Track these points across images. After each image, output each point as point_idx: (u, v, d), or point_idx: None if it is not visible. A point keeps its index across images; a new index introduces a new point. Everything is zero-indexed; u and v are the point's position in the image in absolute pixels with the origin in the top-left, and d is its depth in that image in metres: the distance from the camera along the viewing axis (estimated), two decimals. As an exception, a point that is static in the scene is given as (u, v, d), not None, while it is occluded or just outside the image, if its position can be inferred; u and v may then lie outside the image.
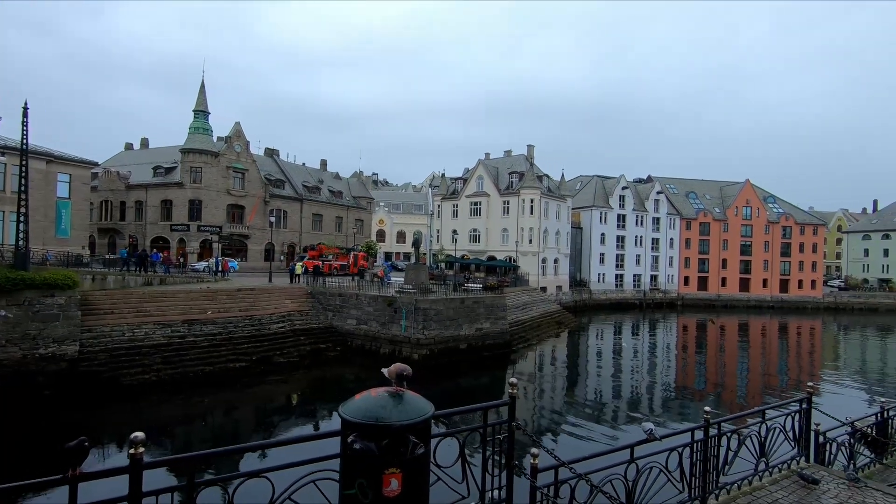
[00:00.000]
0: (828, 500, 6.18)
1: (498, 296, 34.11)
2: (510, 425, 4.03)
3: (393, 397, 2.89)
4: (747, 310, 66.94)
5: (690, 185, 77.91)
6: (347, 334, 29.08)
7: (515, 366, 29.02)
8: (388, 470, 2.68)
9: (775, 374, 30.14)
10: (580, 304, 57.38)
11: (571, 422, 18.80)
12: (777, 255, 73.59)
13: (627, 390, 24.52)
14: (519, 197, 54.16)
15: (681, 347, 39.40)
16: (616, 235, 66.12)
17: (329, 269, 45.23)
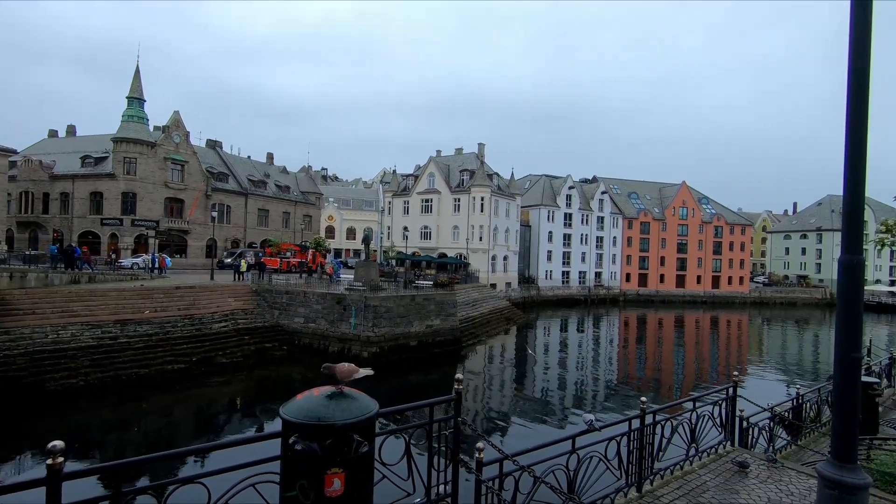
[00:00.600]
0: (749, 481, 6.66)
1: (448, 293, 34.30)
2: (455, 421, 4.07)
3: (336, 396, 2.84)
4: (683, 304, 70.83)
5: (632, 186, 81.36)
6: (295, 333, 28.35)
7: (465, 362, 29.31)
8: (330, 470, 2.64)
9: (707, 365, 32.08)
10: (528, 301, 58.68)
11: (518, 415, 19.24)
12: (709, 253, 78.29)
13: (572, 383, 25.36)
14: (470, 195, 54.64)
15: (622, 341, 41.16)
16: (563, 234, 68.08)
17: (287, 266, 44.20)
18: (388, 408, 3.71)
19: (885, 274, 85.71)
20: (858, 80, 2.87)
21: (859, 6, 2.85)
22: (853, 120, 2.89)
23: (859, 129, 2.89)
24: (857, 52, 2.86)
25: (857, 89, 2.87)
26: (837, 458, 2.89)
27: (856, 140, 2.89)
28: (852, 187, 2.90)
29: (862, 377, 9.55)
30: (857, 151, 2.89)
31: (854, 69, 2.87)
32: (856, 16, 2.86)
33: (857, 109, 2.88)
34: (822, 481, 2.88)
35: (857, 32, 2.86)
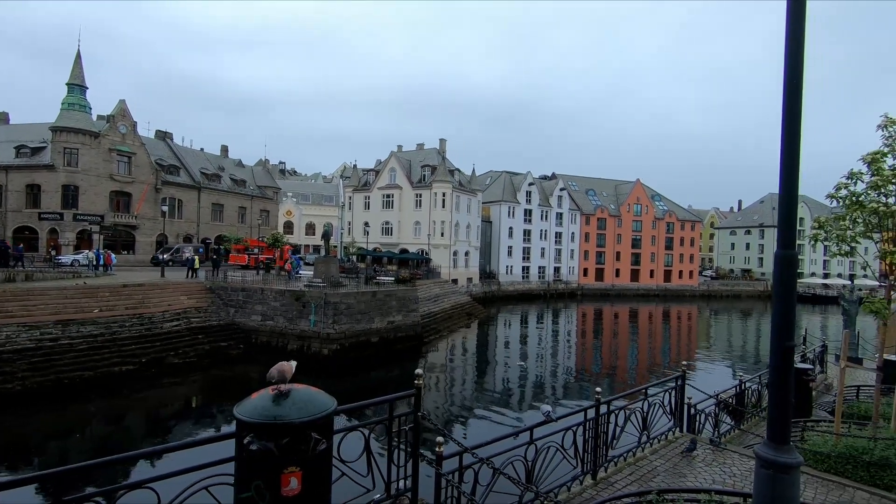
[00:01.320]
0: (696, 464, 7.01)
1: (410, 288, 34.23)
2: (415, 416, 4.09)
3: (292, 394, 2.80)
4: (637, 298, 73.43)
5: (590, 183, 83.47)
6: (252, 331, 27.59)
7: (427, 357, 29.37)
8: (286, 469, 2.60)
9: (659, 356, 33.42)
10: (489, 296, 59.32)
11: (479, 409, 19.47)
12: (662, 248, 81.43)
13: (531, 376, 25.86)
14: (431, 190, 54.62)
15: (580, 334, 42.29)
16: (523, 229, 69.14)
17: (256, 262, 43.09)
18: (348, 405, 3.69)
19: (819, 268, 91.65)
20: (793, 86, 3.05)
21: (794, 13, 3.03)
22: (788, 123, 3.07)
23: (793, 132, 3.07)
24: (792, 57, 3.04)
25: (792, 94, 3.05)
26: (773, 440, 3.09)
27: (790, 142, 3.07)
28: (786, 187, 3.09)
29: (797, 364, 10.20)
30: (792, 153, 3.08)
31: (789, 74, 3.05)
32: (791, 23, 3.04)
33: (792, 113, 3.06)
34: (758, 462, 3.07)
35: (792, 40, 3.04)
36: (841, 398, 7.97)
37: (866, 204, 7.49)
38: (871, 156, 7.37)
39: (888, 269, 7.52)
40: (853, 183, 7.69)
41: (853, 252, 8.08)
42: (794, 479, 2.99)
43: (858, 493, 6.37)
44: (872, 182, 7.39)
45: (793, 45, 3.05)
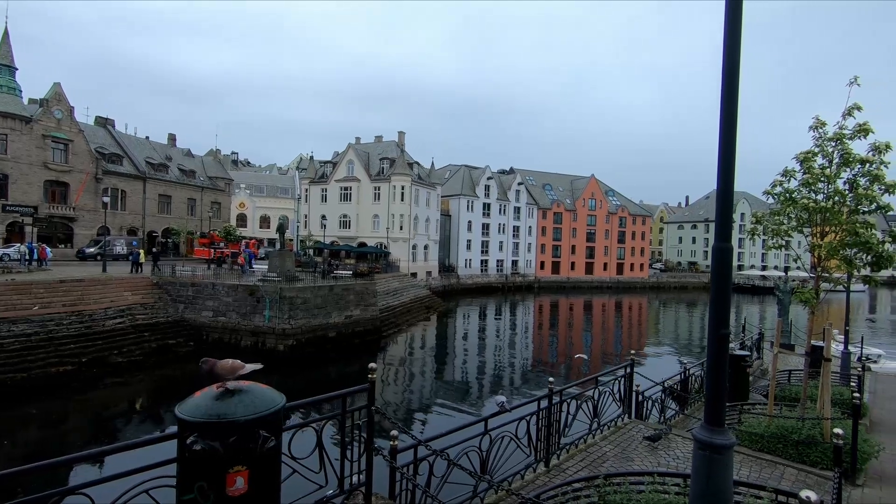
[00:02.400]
0: (642, 448, 7.33)
1: (368, 282, 33.92)
2: (369, 410, 4.06)
3: (238, 391, 2.72)
4: (591, 290, 75.66)
5: (546, 178, 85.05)
6: (202, 327, 26.60)
7: (386, 351, 29.25)
8: (232, 468, 2.53)
9: (611, 346, 34.63)
10: (449, 289, 59.60)
11: (435, 401, 19.59)
12: (615, 241, 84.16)
13: (488, 368, 26.24)
14: (390, 183, 54.15)
15: (536, 326, 43.20)
16: (482, 223, 69.74)
17: (220, 256, 41.59)
18: (299, 400, 3.63)
19: (758, 260, 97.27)
20: (729, 86, 3.20)
21: (731, 15, 3.18)
22: (725, 124, 3.23)
23: (730, 133, 3.24)
24: (729, 58, 3.19)
25: (729, 96, 3.21)
26: (709, 423, 3.27)
27: (727, 141, 3.23)
28: (723, 183, 3.25)
29: (736, 352, 10.81)
30: (728, 152, 3.24)
31: (726, 75, 3.20)
32: (728, 26, 3.19)
33: (729, 114, 3.22)
34: (696, 444, 3.25)
35: (729, 45, 3.19)
36: (773, 382, 8.51)
37: (798, 200, 7.99)
38: (802, 155, 7.87)
39: (816, 262, 8.06)
40: (787, 180, 8.19)
41: (788, 245, 8.63)
42: (727, 458, 3.18)
43: (788, 469, 6.84)
44: (804, 180, 7.89)
45: (730, 49, 3.20)
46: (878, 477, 7.14)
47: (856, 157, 7.41)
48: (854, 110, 7.31)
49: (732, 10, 3.19)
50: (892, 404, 12.69)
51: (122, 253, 33.76)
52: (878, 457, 7.33)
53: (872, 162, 7.33)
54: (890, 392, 14.14)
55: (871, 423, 10.59)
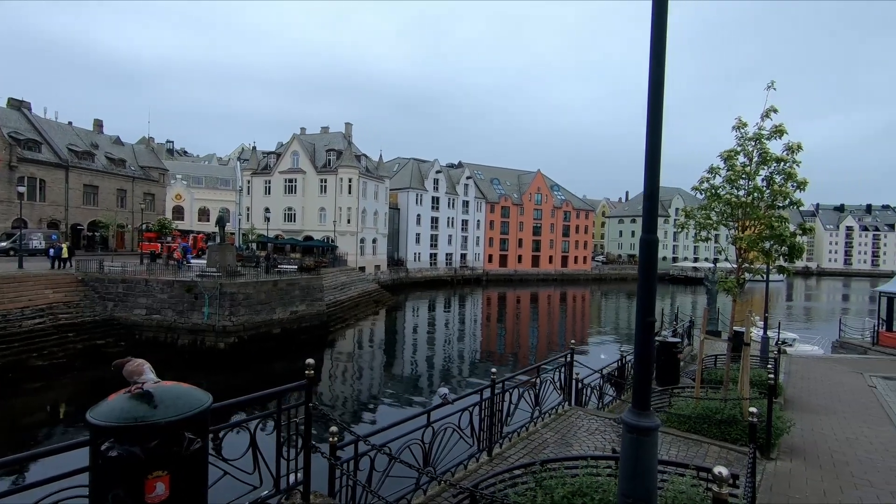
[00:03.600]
0: (581, 434, 7.62)
1: (314, 277, 33.19)
2: (307, 407, 3.97)
3: (157, 392, 2.57)
4: (537, 282, 77.67)
5: (494, 172, 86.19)
6: (135, 326, 25.08)
7: (333, 347, 28.77)
8: (151, 474, 2.39)
9: (556, 336, 35.71)
10: (398, 283, 59.32)
11: (381, 396, 19.53)
12: (560, 235, 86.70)
13: (435, 361, 26.40)
14: (337, 176, 53.06)
15: (484, 318, 43.87)
16: (431, 216, 69.80)
17: (169, 251, 39.12)
18: (230, 400, 3.48)
19: (691, 252, 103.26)
20: (656, 87, 3.34)
21: (657, 19, 3.31)
22: (651, 123, 3.37)
23: (656, 130, 3.38)
24: (656, 59, 3.33)
25: (655, 95, 3.35)
26: (636, 407, 3.43)
27: (653, 139, 3.38)
28: (649, 179, 3.40)
29: (669, 339, 11.42)
30: (654, 149, 3.39)
31: (652, 76, 3.34)
32: (654, 30, 3.32)
33: (654, 114, 3.36)
34: (624, 427, 3.40)
35: (656, 44, 3.33)
36: (700, 367, 9.09)
37: (722, 196, 8.53)
38: (726, 153, 8.39)
39: (739, 254, 8.65)
40: (713, 177, 8.71)
41: (717, 238, 9.20)
42: (653, 440, 3.35)
43: (712, 447, 7.33)
44: (727, 176, 8.42)
45: (656, 52, 3.33)
46: (789, 450, 7.79)
47: (772, 156, 8.00)
48: (771, 112, 7.87)
49: (658, 16, 3.32)
50: (804, 383, 13.87)
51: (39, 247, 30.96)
52: (789, 432, 7.98)
53: (786, 161, 7.93)
54: (802, 372, 15.44)
55: (786, 401, 11.53)
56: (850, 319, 30.28)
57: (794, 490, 6.16)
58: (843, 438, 8.75)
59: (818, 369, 16.39)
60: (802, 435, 8.69)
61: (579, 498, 3.82)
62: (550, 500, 3.82)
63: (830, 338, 26.04)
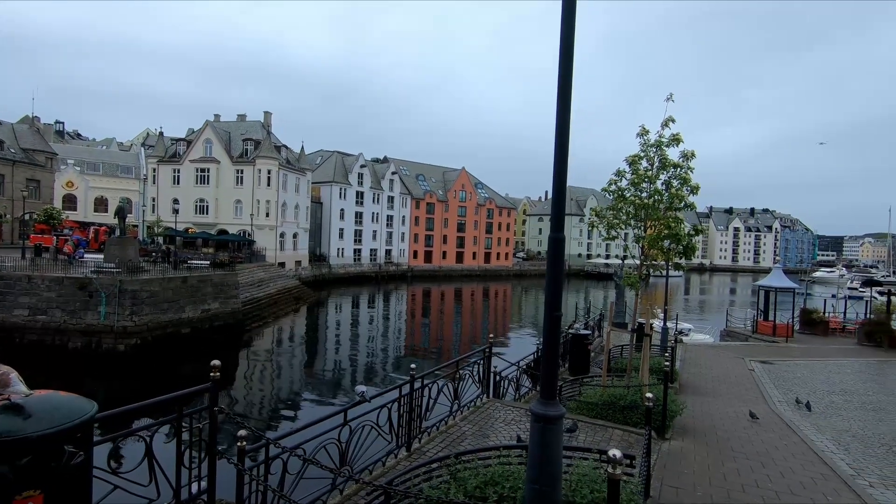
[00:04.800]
0: (497, 425, 7.88)
1: (229, 273, 31.41)
2: (211, 411, 3.76)
3: (29, 403, 2.31)
4: (461, 278, 79.01)
5: (420, 169, 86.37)
6: (15, 329, 22.30)
7: (250, 346, 27.42)
8: (21, 494, 2.15)
9: (479, 330, 36.60)
10: (320, 279, 57.70)
11: (300, 396, 18.96)
12: (483, 232, 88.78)
13: (359, 358, 26.05)
14: (255, 166, 50.49)
15: (409, 314, 43.92)
16: (355, 211, 68.56)
17: (63, 245, 34.58)
18: (121, 408, 3.22)
19: (603, 250, 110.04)
20: (563, 92, 3.52)
21: (565, 28, 3.49)
22: (559, 128, 3.55)
23: (563, 133, 3.57)
24: (564, 65, 3.50)
25: (562, 100, 3.53)
26: (543, 397, 3.61)
27: (561, 142, 3.56)
28: (557, 182, 3.59)
29: (580, 331, 12.11)
30: (562, 152, 3.57)
31: (560, 81, 3.52)
32: (563, 39, 3.49)
33: (562, 119, 3.54)
34: (532, 416, 3.56)
35: (564, 54, 3.50)
36: (607, 357, 9.74)
37: (628, 197, 9.18)
38: (631, 158, 9.03)
39: (641, 251, 9.36)
40: (620, 179, 9.34)
41: (626, 237, 9.87)
42: (558, 427, 3.54)
43: (616, 431, 7.88)
44: (632, 179, 9.07)
45: (564, 57, 3.50)
46: (682, 430, 8.57)
47: (670, 162, 8.73)
48: (669, 122, 8.58)
49: (566, 25, 3.50)
50: (696, 369, 15.33)
51: None
52: (682, 414, 8.78)
53: (682, 167, 8.70)
54: (695, 359, 17.05)
55: (681, 386, 12.67)
56: (735, 310, 33.89)
57: (685, 466, 6.80)
58: (726, 416, 9.79)
59: (708, 356, 18.18)
60: (693, 416, 9.60)
61: (491, 487, 3.95)
62: (464, 491, 3.92)
63: (719, 327, 28.95)
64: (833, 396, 12.45)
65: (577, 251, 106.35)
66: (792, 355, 18.79)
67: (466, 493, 3.91)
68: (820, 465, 7.21)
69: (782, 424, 9.55)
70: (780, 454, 7.64)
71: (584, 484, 4.00)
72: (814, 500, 5.90)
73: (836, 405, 11.59)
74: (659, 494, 5.70)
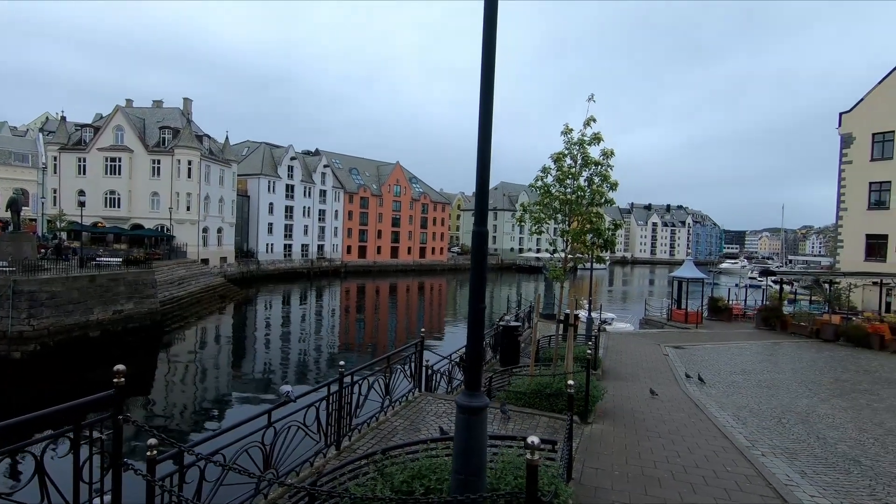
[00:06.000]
0: (428, 418, 7.93)
1: (145, 271, 29.28)
2: (115, 419, 3.47)
3: None
4: (396, 273, 78.63)
5: (353, 162, 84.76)
6: None
7: (169, 349, 25.73)
8: None
9: (414, 325, 36.60)
10: (248, 276, 55.17)
11: (225, 399, 18.12)
12: (418, 227, 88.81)
13: (290, 357, 25.24)
14: (174, 157, 47.20)
15: (343, 311, 43.11)
16: (285, 205, 66.11)
17: None
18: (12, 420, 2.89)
19: (534, 244, 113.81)
20: (485, 93, 3.58)
21: (487, 30, 3.54)
22: (482, 126, 3.60)
23: (486, 133, 3.63)
24: (485, 69, 3.56)
25: (486, 99, 3.59)
26: (468, 388, 3.68)
27: (483, 141, 3.62)
28: (480, 177, 3.66)
29: (511, 323, 12.46)
30: (484, 150, 3.64)
31: (483, 82, 3.57)
32: (484, 40, 3.55)
33: (485, 117, 3.60)
34: (458, 408, 3.62)
35: (486, 53, 3.56)
36: (534, 347, 10.10)
37: (553, 193, 9.53)
38: (556, 155, 9.38)
39: (566, 245, 9.76)
40: (545, 175, 9.68)
41: (553, 231, 10.23)
42: (482, 418, 3.62)
43: (543, 418, 8.19)
44: (557, 176, 9.42)
45: (486, 61, 3.56)
46: (603, 414, 9.07)
47: (592, 160, 9.17)
48: (591, 121, 9.00)
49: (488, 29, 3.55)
50: (618, 356, 16.28)
51: None
52: (603, 399, 9.29)
53: (603, 164, 9.16)
54: (617, 347, 18.10)
55: (603, 372, 13.41)
56: (653, 300, 36.31)
57: (605, 447, 7.21)
58: (642, 399, 10.48)
59: (629, 343, 19.37)
60: (614, 400, 10.19)
61: (418, 481, 3.97)
62: (391, 486, 3.91)
63: (639, 316, 30.92)
64: (734, 376, 13.70)
65: (510, 245, 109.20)
66: (701, 340, 20.46)
67: (393, 488, 3.90)
68: (721, 440, 7.91)
69: (691, 404, 10.37)
70: (688, 431, 8.30)
71: (508, 471, 4.12)
72: (715, 471, 6.47)
73: (736, 384, 12.76)
74: (581, 476, 6.00)
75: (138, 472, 3.61)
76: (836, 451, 7.74)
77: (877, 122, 26.27)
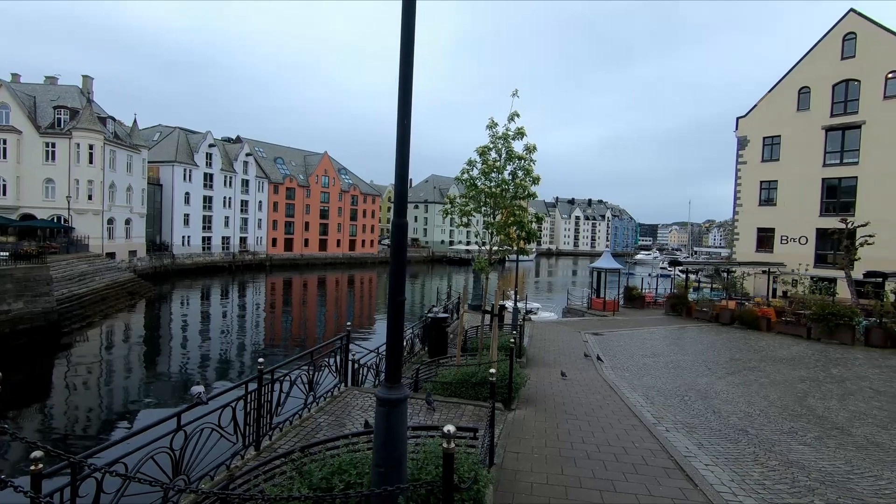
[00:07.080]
0: (354, 412, 7.84)
1: (37, 266, 26.41)
2: (-11, 433, 3.11)
3: None
4: (325, 266, 76.65)
5: (278, 151, 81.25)
6: None
7: (70, 352, 23.39)
8: None
9: (343, 319, 35.92)
10: (161, 271, 51.38)
11: (131, 405, 16.82)
12: (347, 219, 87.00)
13: (210, 356, 23.88)
14: (72, 140, 42.69)
15: (267, 306, 41.37)
16: (203, 195, 62.15)
17: None
18: None
19: (465, 236, 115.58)
20: (405, 85, 3.54)
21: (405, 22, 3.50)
22: (400, 119, 3.57)
23: (405, 124, 3.60)
24: (404, 56, 3.52)
25: (404, 91, 3.55)
26: (388, 381, 3.67)
27: (402, 132, 3.59)
28: (400, 168, 3.62)
29: (439, 315, 12.55)
30: (403, 140, 3.61)
31: (402, 70, 3.53)
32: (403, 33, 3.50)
33: (404, 110, 3.56)
34: (378, 401, 3.59)
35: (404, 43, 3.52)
36: (461, 337, 10.27)
37: (479, 186, 9.69)
38: (481, 149, 9.53)
39: (490, 237, 9.98)
40: (471, 169, 9.81)
41: (478, 223, 10.38)
42: (402, 410, 3.62)
43: (468, 407, 8.36)
44: (482, 169, 9.59)
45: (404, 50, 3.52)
46: (526, 400, 9.43)
47: (515, 154, 9.42)
48: (515, 116, 9.23)
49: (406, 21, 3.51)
50: (541, 344, 16.97)
51: None
52: (526, 385, 9.66)
53: (526, 159, 9.44)
54: (541, 335, 18.85)
55: (528, 360, 13.92)
56: (575, 290, 38.17)
57: (526, 432, 7.49)
58: (562, 384, 11.01)
59: (552, 332, 20.24)
60: (536, 386, 10.61)
61: (338, 476, 3.91)
62: (309, 484, 3.81)
63: (561, 305, 32.39)
64: (645, 359, 14.76)
65: (441, 238, 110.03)
66: (617, 326, 21.82)
67: (311, 486, 3.81)
68: (632, 418, 8.50)
69: (606, 387, 11.05)
70: (603, 412, 8.84)
71: (430, 461, 4.16)
72: (625, 447, 6.94)
73: (647, 366, 13.76)
74: (502, 461, 6.20)
75: (19, 490, 3.26)
76: (728, 423, 8.58)
77: (767, 127, 29.23)
